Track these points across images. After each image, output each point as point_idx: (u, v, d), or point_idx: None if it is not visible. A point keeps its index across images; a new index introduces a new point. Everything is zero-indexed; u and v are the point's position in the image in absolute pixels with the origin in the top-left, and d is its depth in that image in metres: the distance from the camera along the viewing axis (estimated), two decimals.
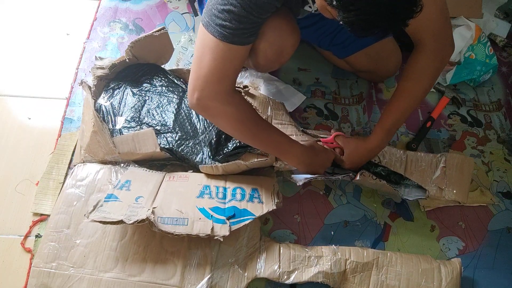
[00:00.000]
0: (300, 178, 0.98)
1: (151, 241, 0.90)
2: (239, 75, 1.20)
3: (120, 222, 0.82)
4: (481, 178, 1.13)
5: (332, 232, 1.03)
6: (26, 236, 0.97)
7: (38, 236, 0.96)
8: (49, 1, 1.41)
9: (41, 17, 1.37)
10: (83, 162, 1.01)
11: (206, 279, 0.88)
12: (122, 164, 1.01)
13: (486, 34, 1.31)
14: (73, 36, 1.32)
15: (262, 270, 0.91)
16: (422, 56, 0.89)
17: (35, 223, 0.98)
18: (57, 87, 1.20)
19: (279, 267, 0.91)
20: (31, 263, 0.92)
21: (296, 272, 0.91)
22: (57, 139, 1.10)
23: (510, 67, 1.36)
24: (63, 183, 1.01)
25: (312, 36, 1.15)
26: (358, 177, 0.96)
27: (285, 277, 0.90)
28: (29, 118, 1.15)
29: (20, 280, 0.91)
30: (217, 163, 1.00)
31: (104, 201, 0.89)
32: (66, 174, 1.03)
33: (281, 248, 0.94)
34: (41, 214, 0.99)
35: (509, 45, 1.39)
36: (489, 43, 1.26)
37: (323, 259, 0.92)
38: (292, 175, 1.02)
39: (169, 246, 0.90)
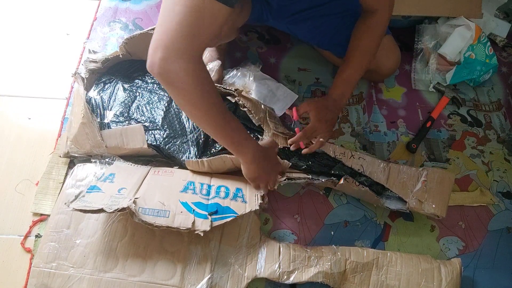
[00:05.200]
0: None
1: (151, 241, 0.90)
2: (230, 74, 1.20)
3: (101, 210, 0.82)
4: (481, 178, 1.13)
5: (332, 232, 1.03)
6: (26, 236, 0.97)
7: (38, 236, 0.96)
8: (49, 1, 1.41)
9: (41, 17, 1.37)
10: (67, 153, 1.02)
11: (206, 279, 0.88)
12: (108, 159, 1.02)
13: (486, 34, 1.31)
14: (73, 36, 1.32)
15: (262, 270, 0.90)
16: (375, 21, 0.95)
17: (35, 223, 0.98)
18: (57, 87, 1.20)
19: (279, 267, 0.91)
20: (31, 263, 0.92)
21: (296, 272, 0.91)
22: (57, 139, 1.10)
23: (510, 67, 1.36)
24: (63, 183, 1.01)
25: (311, 35, 1.15)
26: (342, 181, 0.97)
27: (285, 277, 0.90)
28: (29, 118, 1.15)
29: (20, 280, 0.91)
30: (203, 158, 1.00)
31: (87, 192, 0.90)
32: (66, 174, 1.03)
33: (281, 248, 0.93)
34: (41, 214, 0.99)
35: (509, 45, 1.39)
36: (489, 43, 1.26)
37: (323, 259, 0.92)
38: None
39: (169, 246, 0.90)
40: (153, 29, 1.04)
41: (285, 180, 0.98)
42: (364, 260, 0.92)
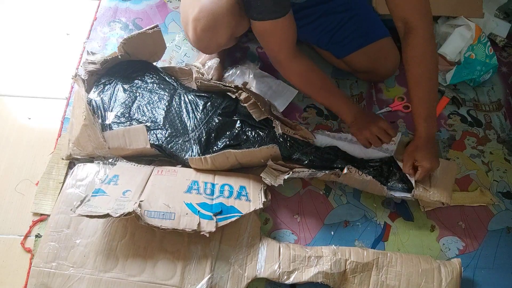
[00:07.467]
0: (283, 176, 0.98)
1: (151, 241, 0.90)
2: (230, 72, 1.21)
3: (107, 215, 0.82)
4: (481, 178, 1.13)
5: (332, 232, 1.03)
6: (26, 236, 0.97)
7: (38, 236, 0.96)
8: (49, 1, 1.41)
9: (41, 17, 1.37)
10: (70, 155, 1.01)
11: (206, 279, 0.88)
12: (111, 160, 1.02)
13: (486, 34, 1.31)
14: (73, 36, 1.32)
15: (262, 270, 0.91)
16: (418, 40, 0.89)
17: (35, 223, 0.98)
18: (57, 87, 1.20)
19: (279, 267, 0.91)
20: (31, 263, 0.92)
21: (296, 272, 0.91)
22: (57, 139, 1.10)
23: (510, 67, 1.36)
24: (63, 183, 1.01)
25: (311, 35, 1.15)
26: (345, 171, 0.97)
27: (285, 277, 0.90)
28: (29, 118, 1.15)
29: (20, 280, 0.91)
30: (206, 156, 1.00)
31: (92, 195, 0.89)
32: (66, 174, 1.03)
33: (281, 248, 0.94)
34: (41, 214, 0.99)
35: (509, 45, 1.39)
36: (489, 43, 1.26)
37: (323, 259, 0.92)
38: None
39: (169, 246, 0.90)
40: (151, 28, 1.04)
41: (288, 174, 0.98)
42: (364, 260, 0.92)
